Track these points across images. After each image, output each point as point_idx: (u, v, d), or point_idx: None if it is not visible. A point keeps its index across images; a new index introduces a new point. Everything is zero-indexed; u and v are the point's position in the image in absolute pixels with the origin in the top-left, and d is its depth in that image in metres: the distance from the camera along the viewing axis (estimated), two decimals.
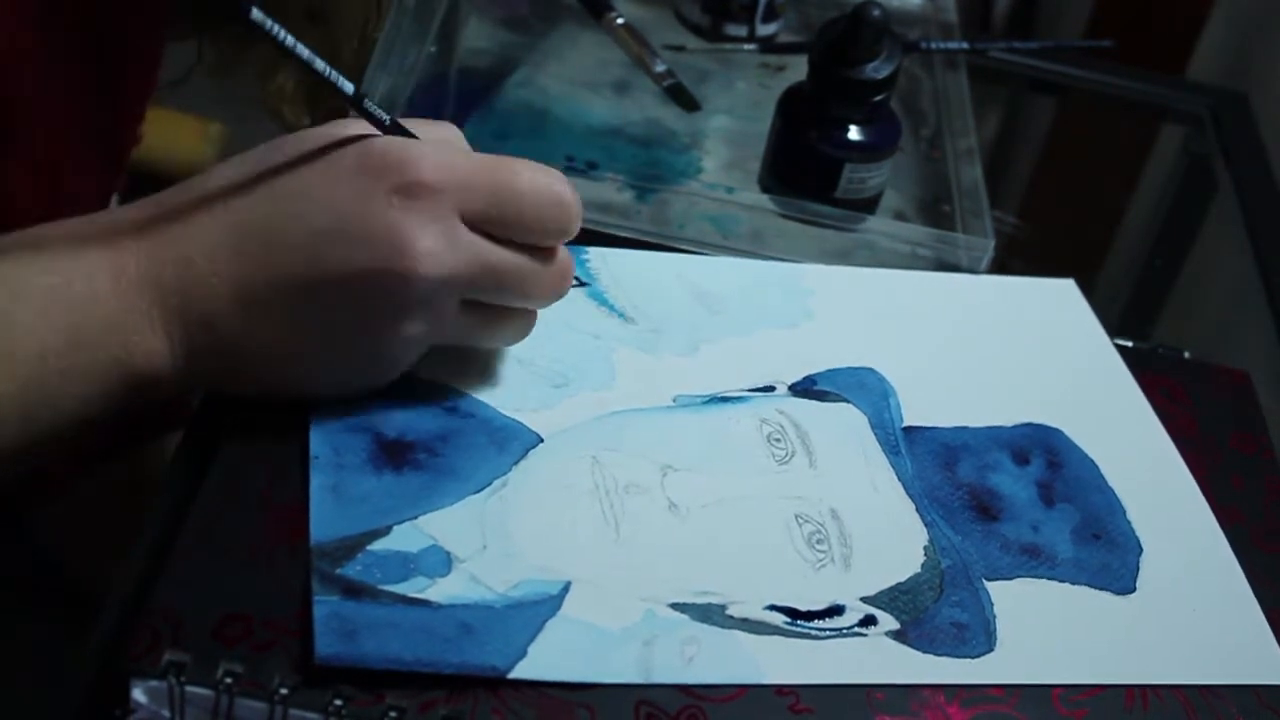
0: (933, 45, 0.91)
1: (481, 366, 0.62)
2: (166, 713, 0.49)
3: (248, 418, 0.58)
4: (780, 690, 0.53)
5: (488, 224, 0.56)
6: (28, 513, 0.88)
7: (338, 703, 0.49)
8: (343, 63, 0.72)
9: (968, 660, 0.56)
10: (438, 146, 0.56)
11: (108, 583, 0.55)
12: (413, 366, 0.59)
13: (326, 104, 0.83)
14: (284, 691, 0.49)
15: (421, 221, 0.54)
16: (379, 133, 0.56)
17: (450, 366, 0.61)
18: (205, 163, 1.22)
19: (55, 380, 0.54)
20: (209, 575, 0.52)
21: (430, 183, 0.54)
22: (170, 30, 0.84)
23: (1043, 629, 0.58)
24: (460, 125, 0.61)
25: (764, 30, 0.91)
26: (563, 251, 0.59)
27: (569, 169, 0.77)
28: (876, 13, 0.75)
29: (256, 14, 0.52)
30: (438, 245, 0.54)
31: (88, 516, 0.89)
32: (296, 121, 0.91)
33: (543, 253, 0.58)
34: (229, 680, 0.49)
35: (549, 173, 0.57)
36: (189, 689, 0.49)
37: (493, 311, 0.59)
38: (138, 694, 0.49)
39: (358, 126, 0.57)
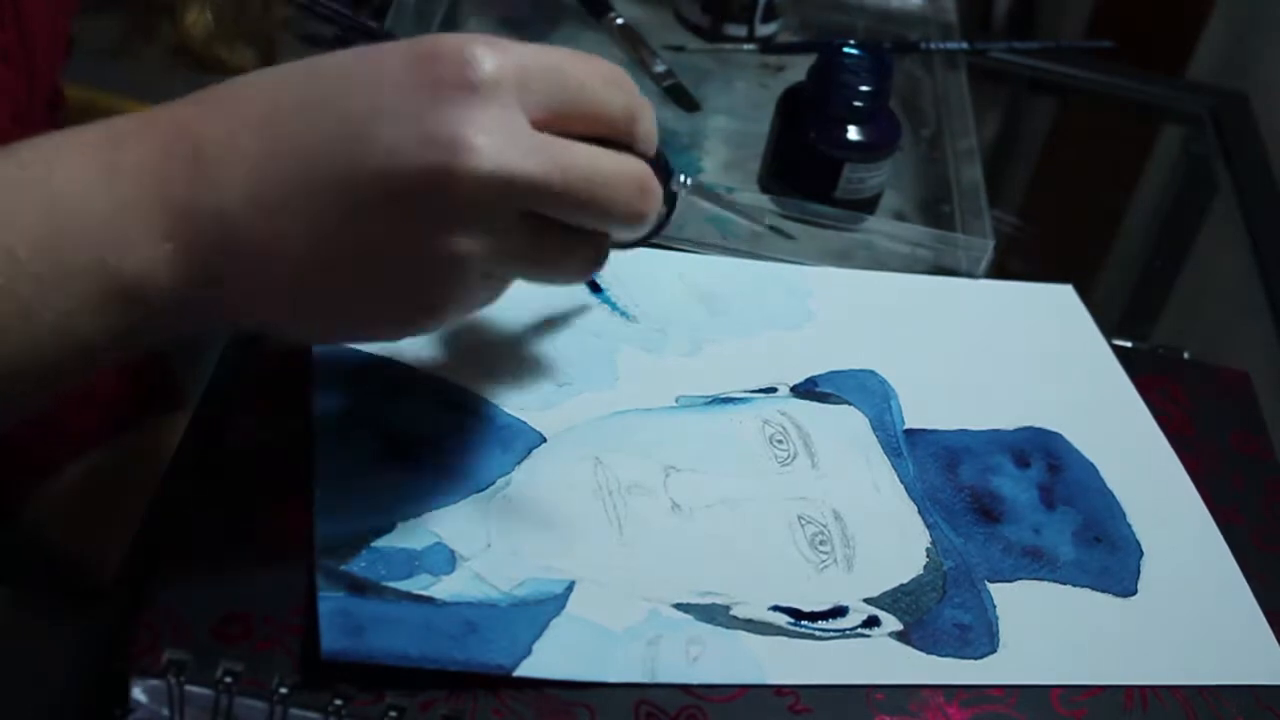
0: (933, 45, 0.91)
1: (486, 364, 0.62)
2: (166, 712, 0.49)
3: (248, 415, 0.58)
4: (780, 690, 0.53)
5: (556, 117, 0.49)
6: (20, 498, 0.88)
7: (338, 702, 0.49)
8: None
9: (971, 661, 0.56)
10: (491, 39, 0.48)
11: (107, 580, 0.55)
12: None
13: (270, 34, 0.80)
14: (284, 691, 0.49)
15: (479, 113, 0.47)
16: None
17: (454, 363, 0.61)
18: None
19: (28, 285, 0.46)
20: (209, 575, 0.52)
21: (487, 74, 0.47)
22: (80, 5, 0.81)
23: (1045, 630, 0.58)
24: None
25: (764, 30, 0.91)
26: (642, 165, 0.51)
27: None
28: None
29: None
30: (498, 139, 0.46)
31: (87, 512, 0.89)
32: (240, 61, 0.86)
33: (613, 155, 0.50)
34: (229, 680, 0.49)
35: (613, 66, 0.51)
36: (189, 688, 0.49)
37: (559, 231, 0.50)
38: (138, 693, 0.49)
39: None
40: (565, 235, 0.50)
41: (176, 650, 0.49)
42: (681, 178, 0.60)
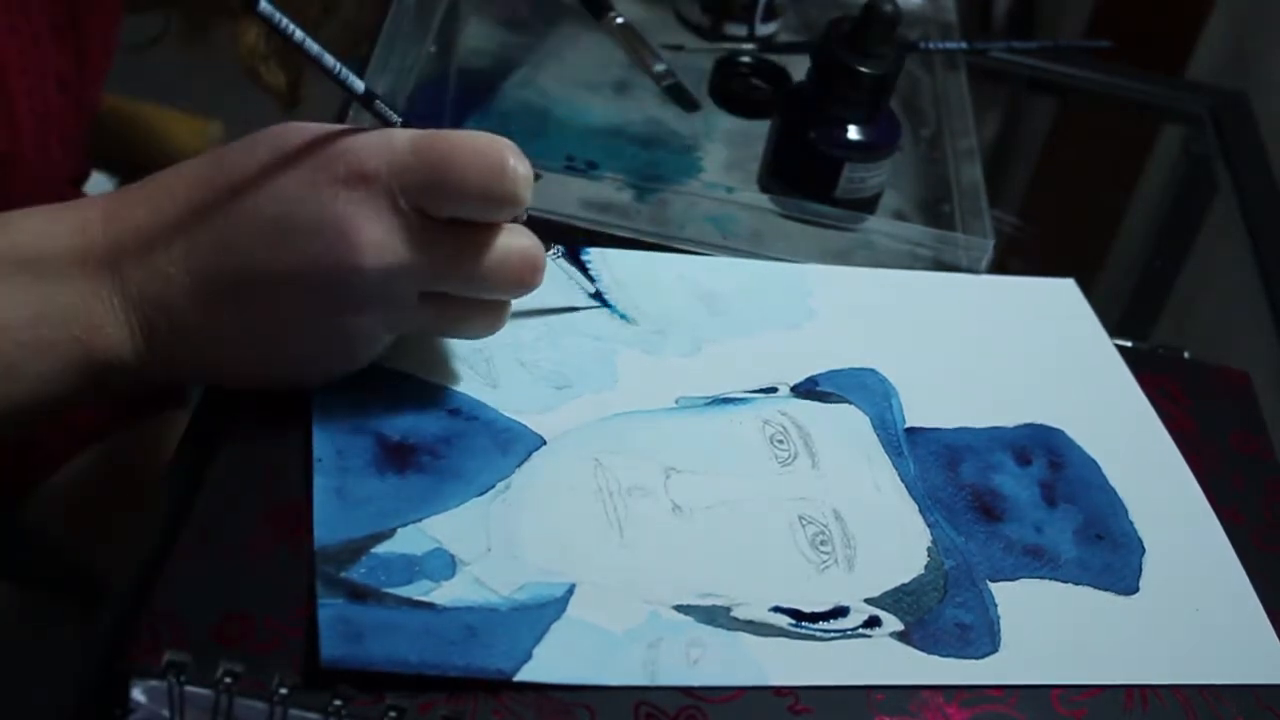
0: (933, 45, 0.91)
1: (484, 368, 0.62)
2: (166, 713, 0.49)
3: (248, 417, 0.58)
4: (779, 690, 0.53)
5: (430, 201, 0.54)
6: (20, 496, 0.88)
7: (337, 703, 0.49)
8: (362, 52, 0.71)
9: (972, 661, 0.56)
10: (380, 132, 0.55)
11: (108, 580, 0.55)
12: (382, 358, 0.58)
13: (301, 63, 0.82)
14: (284, 692, 0.49)
15: (367, 211, 0.53)
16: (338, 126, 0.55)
17: (452, 368, 0.61)
18: None
19: (15, 352, 0.54)
20: (209, 575, 0.52)
21: (369, 170, 0.53)
22: (132, 3, 0.83)
23: (1047, 630, 0.58)
24: (460, 125, 0.61)
25: (764, 30, 0.91)
26: (529, 237, 0.56)
27: (569, 169, 0.77)
28: (889, 7, 0.75)
29: (264, 6, 0.51)
30: (385, 235, 0.53)
31: (87, 510, 0.89)
32: (273, 81, 0.90)
33: (499, 234, 0.55)
34: (229, 680, 0.49)
35: (491, 139, 0.54)
36: (189, 689, 0.49)
37: (458, 303, 0.57)
38: (138, 694, 0.49)
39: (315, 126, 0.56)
40: (464, 303, 0.57)
41: (176, 651, 0.49)
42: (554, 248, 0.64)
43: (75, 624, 0.84)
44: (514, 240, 0.55)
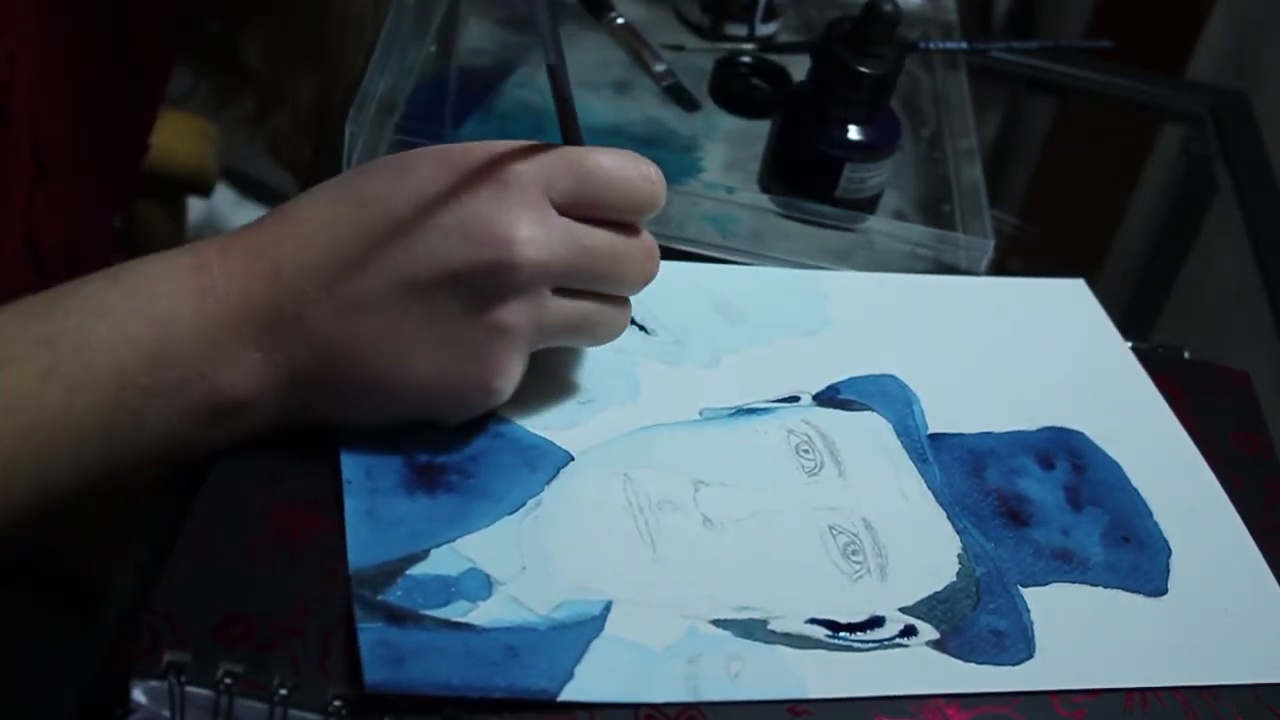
0: (933, 45, 0.91)
1: None
2: (166, 713, 0.49)
3: None
4: None
5: (576, 206, 0.56)
6: None
7: (337, 703, 0.49)
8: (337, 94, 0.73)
9: (1009, 668, 0.56)
10: (514, 142, 0.57)
11: (108, 579, 0.55)
12: (512, 388, 0.58)
13: (329, 142, 0.84)
14: (284, 692, 0.49)
15: (516, 208, 0.55)
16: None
17: None
18: (206, 163, 1.22)
19: (137, 398, 0.53)
20: (209, 575, 0.52)
21: (519, 171, 0.55)
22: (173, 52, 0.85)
23: (1080, 633, 0.58)
24: (460, 125, 0.62)
25: (764, 30, 0.91)
26: (646, 234, 0.59)
27: None
28: (889, 7, 0.75)
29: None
30: (535, 231, 0.55)
31: (87, 509, 0.89)
32: (296, 158, 0.92)
33: (630, 232, 0.58)
34: (229, 680, 0.49)
35: (631, 154, 0.58)
36: (189, 689, 0.49)
37: (588, 302, 0.58)
38: (138, 694, 0.49)
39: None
40: (593, 300, 0.58)
41: (176, 651, 0.49)
42: None
43: (75, 624, 0.84)
44: (637, 241, 0.59)
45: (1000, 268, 0.78)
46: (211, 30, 0.88)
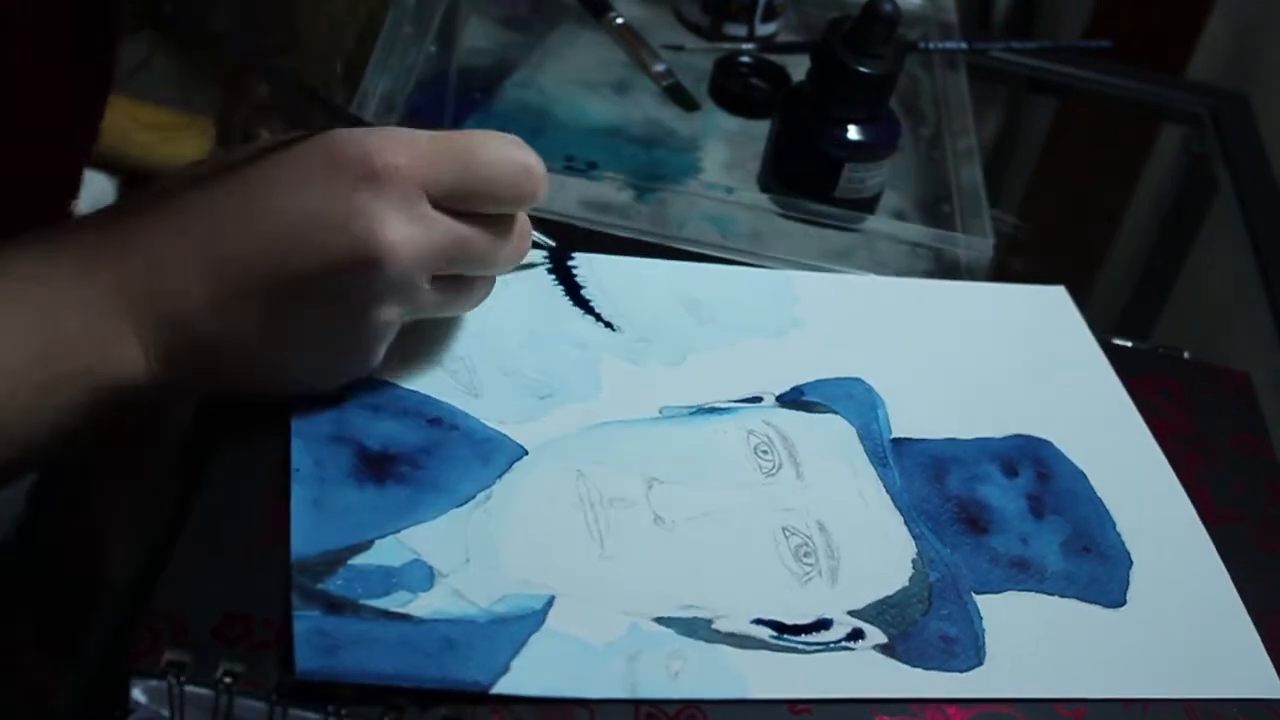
0: (933, 45, 0.91)
1: (466, 377, 0.61)
2: (166, 713, 0.49)
3: (247, 418, 0.58)
4: None
5: (455, 200, 0.55)
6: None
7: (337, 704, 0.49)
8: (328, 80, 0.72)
9: (956, 674, 0.55)
10: (397, 131, 0.56)
11: (107, 579, 0.55)
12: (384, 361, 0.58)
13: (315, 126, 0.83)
14: (284, 692, 0.49)
15: (390, 207, 0.54)
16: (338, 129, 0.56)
17: (433, 377, 0.61)
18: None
19: (29, 394, 0.54)
20: (209, 575, 0.52)
21: (395, 166, 0.54)
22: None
23: (1032, 643, 0.57)
24: (460, 125, 0.62)
25: (764, 30, 0.91)
26: (522, 215, 0.59)
27: (569, 169, 0.77)
28: (889, 7, 0.75)
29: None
30: (409, 230, 0.54)
31: (87, 507, 0.89)
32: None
33: (507, 220, 0.58)
34: (229, 680, 0.49)
35: (511, 141, 0.57)
36: (189, 689, 0.49)
37: (460, 282, 0.58)
38: (138, 694, 0.49)
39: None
40: (465, 281, 0.59)
41: (176, 651, 0.49)
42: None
43: (75, 624, 0.84)
44: (516, 222, 0.59)
45: (1000, 268, 0.78)
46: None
